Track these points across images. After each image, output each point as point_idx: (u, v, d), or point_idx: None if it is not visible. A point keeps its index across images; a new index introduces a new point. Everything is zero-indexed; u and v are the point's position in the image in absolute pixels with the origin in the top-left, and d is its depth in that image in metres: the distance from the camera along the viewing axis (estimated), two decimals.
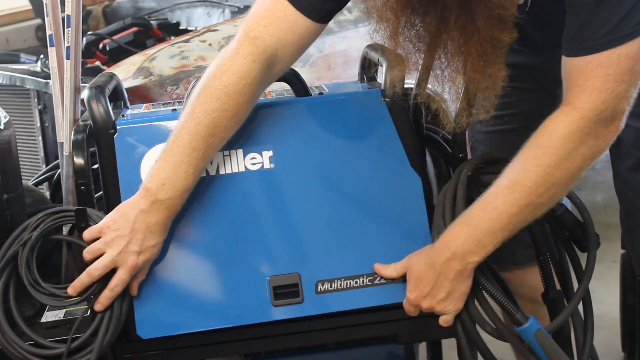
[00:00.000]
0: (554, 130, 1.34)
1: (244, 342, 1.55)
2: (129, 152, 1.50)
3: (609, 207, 3.26)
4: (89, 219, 1.43)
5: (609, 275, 2.88)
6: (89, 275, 1.39)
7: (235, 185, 1.49)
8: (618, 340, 2.25)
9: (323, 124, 1.55)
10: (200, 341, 1.54)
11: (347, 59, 2.53)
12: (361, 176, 1.52)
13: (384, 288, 1.49)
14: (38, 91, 2.61)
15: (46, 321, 1.49)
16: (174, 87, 2.29)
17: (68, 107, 1.61)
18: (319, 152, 1.53)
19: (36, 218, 1.44)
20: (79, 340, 1.39)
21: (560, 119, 1.34)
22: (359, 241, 1.50)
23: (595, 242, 1.52)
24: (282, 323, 1.52)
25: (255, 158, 1.51)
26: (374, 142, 1.54)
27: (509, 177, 1.37)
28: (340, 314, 1.53)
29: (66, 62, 1.61)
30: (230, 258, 1.47)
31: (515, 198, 1.36)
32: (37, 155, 2.65)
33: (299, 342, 1.57)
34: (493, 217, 1.37)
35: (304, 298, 1.47)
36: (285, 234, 1.49)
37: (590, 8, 1.30)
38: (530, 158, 1.35)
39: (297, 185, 1.50)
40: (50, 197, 1.96)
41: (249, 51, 1.42)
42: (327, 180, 1.51)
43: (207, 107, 1.40)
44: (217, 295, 1.47)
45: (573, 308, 1.53)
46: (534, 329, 1.42)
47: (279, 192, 1.50)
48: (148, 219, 1.39)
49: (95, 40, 2.93)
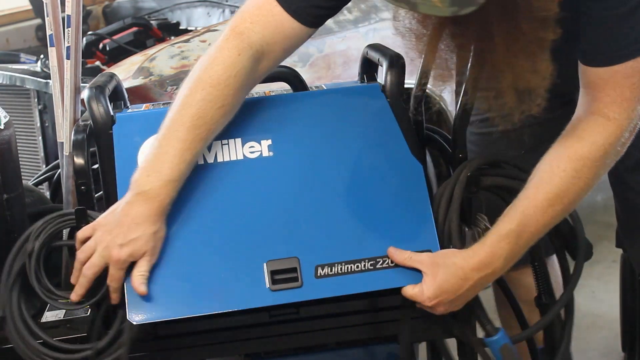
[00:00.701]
0: (595, 142, 1.36)
1: (244, 342, 1.55)
2: (127, 141, 1.49)
3: (609, 207, 3.24)
4: (89, 218, 1.43)
5: (609, 275, 2.88)
6: (84, 276, 1.38)
7: (233, 172, 1.48)
8: (618, 340, 2.25)
9: (323, 114, 1.54)
10: (201, 341, 1.54)
11: (347, 59, 2.53)
12: (361, 163, 1.50)
13: (386, 272, 1.45)
14: (38, 91, 2.61)
15: (47, 321, 1.49)
16: (174, 87, 2.29)
17: (68, 107, 1.61)
18: (319, 140, 1.51)
19: (37, 226, 1.44)
20: (108, 337, 1.41)
21: (597, 130, 1.35)
22: (360, 226, 1.47)
23: (584, 252, 1.52)
24: (282, 324, 1.52)
25: (253, 147, 1.50)
26: (374, 130, 1.53)
27: (549, 190, 1.38)
28: (340, 314, 1.53)
29: (66, 62, 1.61)
30: (226, 243, 1.45)
31: (555, 211, 1.38)
32: (37, 155, 2.65)
33: (298, 342, 1.57)
34: (533, 230, 1.39)
35: (303, 282, 1.43)
36: (284, 219, 1.46)
37: (615, 20, 1.31)
38: (570, 170, 1.37)
39: (297, 171, 1.49)
40: (50, 197, 1.96)
41: (234, 45, 1.43)
42: (327, 167, 1.50)
43: (192, 98, 1.40)
44: (213, 280, 1.43)
45: (546, 323, 1.55)
46: (500, 343, 1.45)
47: (277, 179, 1.49)
48: (132, 210, 1.37)
49: (95, 40, 2.92)
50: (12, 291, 1.42)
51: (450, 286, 1.39)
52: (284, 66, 1.77)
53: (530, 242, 1.41)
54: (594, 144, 1.36)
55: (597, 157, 1.36)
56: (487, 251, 1.39)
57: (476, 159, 1.52)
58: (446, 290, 1.39)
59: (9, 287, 1.42)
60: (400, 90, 1.55)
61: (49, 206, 1.84)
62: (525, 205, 1.39)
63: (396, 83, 1.55)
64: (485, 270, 1.39)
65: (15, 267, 1.42)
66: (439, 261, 1.41)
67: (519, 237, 1.38)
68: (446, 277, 1.39)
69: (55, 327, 1.48)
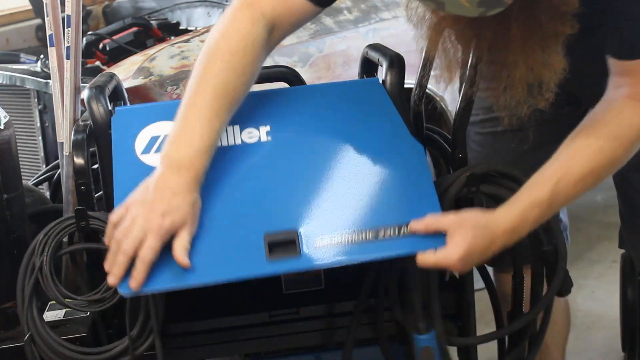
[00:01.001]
0: (632, 124, 1.37)
1: (244, 342, 1.55)
2: (125, 130, 1.47)
3: (609, 207, 3.26)
4: (89, 218, 1.43)
5: (609, 275, 2.88)
6: (125, 253, 1.30)
7: (231, 154, 1.45)
8: (618, 340, 2.25)
9: (321, 102, 1.53)
10: (201, 341, 1.54)
11: (347, 59, 2.52)
12: (361, 144, 1.48)
13: (389, 241, 1.38)
14: (38, 91, 2.61)
15: (47, 321, 1.49)
16: (174, 87, 2.29)
17: (68, 107, 1.61)
18: (317, 125, 1.50)
19: (40, 240, 1.43)
20: (137, 328, 1.42)
21: (635, 112, 1.36)
22: (362, 200, 1.42)
23: (559, 284, 1.52)
24: (282, 324, 1.52)
25: (251, 132, 1.48)
26: (373, 115, 1.52)
27: (584, 165, 1.38)
28: (341, 314, 1.53)
29: (66, 62, 1.61)
30: (224, 217, 1.39)
31: (585, 185, 1.39)
32: (37, 155, 2.65)
33: (298, 342, 1.57)
34: (561, 202, 1.40)
35: (301, 252, 1.37)
36: (284, 195, 1.43)
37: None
38: (607, 149, 1.37)
39: (295, 153, 1.47)
40: (50, 197, 1.96)
41: (246, 14, 1.43)
42: (326, 148, 1.47)
43: (212, 67, 1.39)
44: (208, 251, 1.36)
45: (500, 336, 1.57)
46: (422, 344, 1.46)
47: (277, 159, 1.46)
48: (169, 181, 1.33)
49: (95, 40, 2.92)
50: (31, 308, 1.43)
51: (479, 247, 1.36)
52: (283, 66, 1.77)
53: (556, 211, 1.42)
54: (632, 126, 1.37)
55: (633, 136, 1.38)
56: (518, 216, 1.38)
57: (484, 164, 1.52)
58: (473, 252, 1.36)
59: (28, 305, 1.42)
60: (401, 90, 1.55)
61: (49, 206, 1.84)
62: (560, 176, 1.38)
63: (396, 83, 1.55)
64: (512, 235, 1.38)
65: (28, 285, 1.42)
66: (469, 222, 1.37)
67: (550, 206, 1.38)
68: (475, 239, 1.36)
69: (56, 327, 1.49)
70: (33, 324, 1.43)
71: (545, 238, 1.51)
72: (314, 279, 1.60)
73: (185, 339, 1.54)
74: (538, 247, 1.52)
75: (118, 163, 1.45)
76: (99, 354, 1.44)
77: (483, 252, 1.37)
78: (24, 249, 1.45)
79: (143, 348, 1.44)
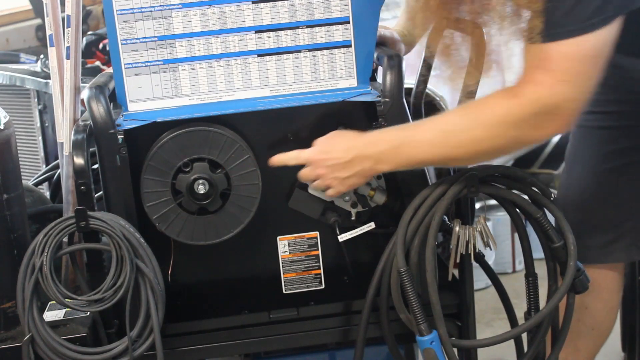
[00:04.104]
0: (493, 113, 1.38)
1: (244, 342, 1.55)
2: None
3: None
4: (89, 218, 1.43)
5: None
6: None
7: None
8: (618, 340, 2.25)
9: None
10: (201, 341, 1.54)
11: None
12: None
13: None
14: (38, 91, 2.61)
15: (47, 321, 1.49)
16: None
17: (68, 107, 1.61)
18: None
19: (40, 240, 1.43)
20: (137, 328, 1.43)
21: (502, 102, 1.37)
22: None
23: (571, 277, 1.51)
24: (282, 324, 1.52)
25: None
26: None
27: (446, 129, 1.43)
28: (341, 314, 1.53)
29: (66, 62, 1.61)
30: None
31: (441, 143, 1.42)
32: (37, 155, 2.65)
33: (298, 342, 1.57)
34: (412, 151, 1.44)
35: None
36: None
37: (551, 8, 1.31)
38: (466, 129, 1.40)
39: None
40: (50, 197, 1.96)
41: None
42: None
43: None
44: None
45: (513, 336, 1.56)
46: (424, 346, 1.47)
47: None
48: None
49: (95, 40, 2.92)
50: (32, 309, 1.43)
51: (338, 151, 1.47)
52: None
53: (412, 161, 1.46)
54: (494, 115, 1.38)
55: (490, 123, 1.38)
56: (376, 135, 1.47)
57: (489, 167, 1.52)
58: (331, 151, 1.47)
59: (29, 305, 1.43)
60: (400, 89, 1.55)
61: (49, 206, 1.84)
62: (423, 128, 1.46)
63: (396, 83, 1.55)
64: (369, 149, 1.45)
65: (28, 285, 1.42)
66: (339, 133, 1.52)
67: (403, 141, 1.44)
68: (335, 137, 1.50)
69: (56, 327, 1.49)
70: (33, 324, 1.43)
71: (555, 235, 1.51)
72: (314, 279, 1.60)
73: (185, 339, 1.54)
74: (547, 244, 1.52)
75: None
76: (99, 354, 1.44)
77: (342, 155, 1.46)
78: (24, 249, 1.45)
79: (143, 348, 1.44)
